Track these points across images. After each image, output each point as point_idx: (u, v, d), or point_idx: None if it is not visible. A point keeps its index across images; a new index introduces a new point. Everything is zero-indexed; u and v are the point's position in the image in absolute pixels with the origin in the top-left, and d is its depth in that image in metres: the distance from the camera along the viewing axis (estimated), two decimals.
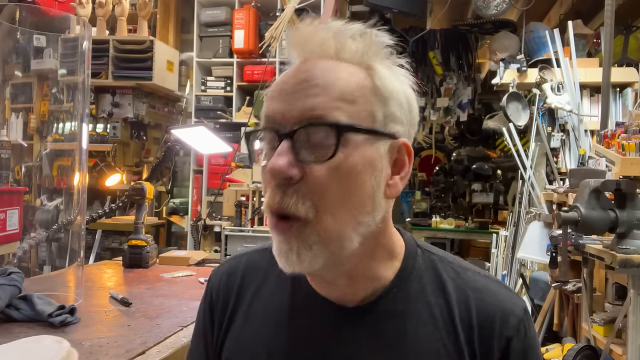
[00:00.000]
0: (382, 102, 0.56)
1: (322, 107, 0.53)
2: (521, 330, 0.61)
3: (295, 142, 0.53)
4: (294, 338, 0.62)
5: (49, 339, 0.90)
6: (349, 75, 0.56)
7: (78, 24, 1.44)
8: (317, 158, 0.53)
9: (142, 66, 3.98)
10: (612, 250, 1.88)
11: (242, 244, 3.45)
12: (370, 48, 0.58)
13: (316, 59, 0.57)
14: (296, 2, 3.50)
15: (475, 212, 6.55)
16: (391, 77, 0.58)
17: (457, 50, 5.42)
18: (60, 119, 2.00)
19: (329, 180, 0.53)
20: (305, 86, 0.54)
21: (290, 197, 0.53)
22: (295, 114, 0.54)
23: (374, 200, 0.56)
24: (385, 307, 0.60)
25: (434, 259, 0.65)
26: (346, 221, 0.54)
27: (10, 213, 1.89)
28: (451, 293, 0.62)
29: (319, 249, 0.54)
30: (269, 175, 0.54)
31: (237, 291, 0.67)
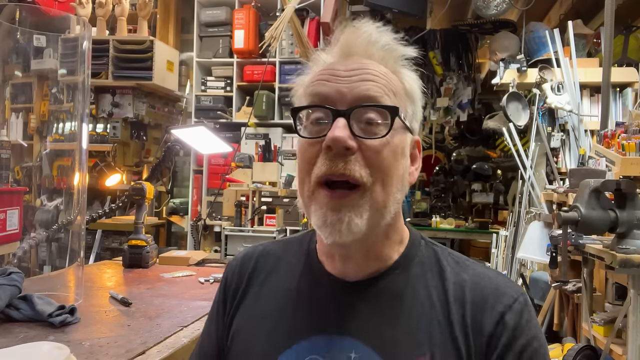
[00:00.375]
0: (411, 102, 0.67)
1: (376, 91, 0.61)
2: (516, 308, 0.63)
3: (351, 119, 0.60)
4: (299, 310, 0.67)
5: (49, 344, 0.89)
6: (390, 75, 0.65)
7: (78, 24, 1.44)
8: (370, 134, 0.60)
9: (142, 66, 3.98)
10: (612, 250, 1.88)
11: (242, 244, 3.45)
12: (399, 57, 0.67)
13: (360, 55, 0.65)
14: (296, 2, 3.50)
15: (475, 212, 6.55)
16: (413, 83, 0.67)
17: (457, 50, 5.42)
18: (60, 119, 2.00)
19: (382, 154, 0.60)
20: (360, 73, 0.62)
21: (353, 164, 0.59)
22: (351, 96, 0.61)
23: (403, 181, 0.64)
24: (386, 284, 0.65)
25: (436, 249, 0.70)
26: (390, 193, 0.62)
27: (10, 213, 1.89)
28: (448, 277, 0.66)
29: (368, 218, 0.60)
30: (333, 144, 0.59)
31: (250, 275, 0.73)
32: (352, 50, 0.65)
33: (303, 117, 0.65)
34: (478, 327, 0.62)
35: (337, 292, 0.66)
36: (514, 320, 0.62)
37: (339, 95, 0.61)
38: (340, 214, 0.59)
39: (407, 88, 0.66)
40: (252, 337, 0.68)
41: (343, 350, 0.62)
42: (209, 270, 1.88)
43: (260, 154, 3.94)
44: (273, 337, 0.66)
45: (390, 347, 0.62)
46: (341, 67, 0.63)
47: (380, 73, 0.63)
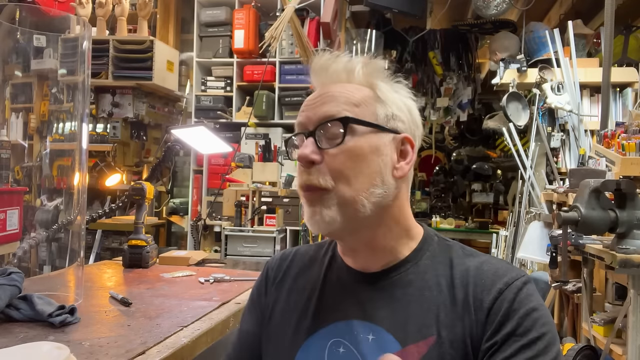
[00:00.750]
0: (382, 105, 0.74)
1: (333, 109, 0.72)
2: (515, 285, 0.69)
3: (316, 136, 0.72)
4: (324, 300, 0.78)
5: (49, 344, 0.89)
6: (356, 90, 0.75)
7: (78, 24, 1.44)
8: (332, 144, 0.71)
9: (142, 66, 3.98)
10: (612, 250, 1.88)
11: (242, 244, 3.45)
12: (373, 72, 0.76)
13: (331, 84, 0.76)
14: (296, 2, 3.50)
15: (475, 212, 6.56)
16: (390, 90, 0.76)
17: (457, 50, 5.42)
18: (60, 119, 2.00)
19: (342, 159, 0.71)
20: (322, 99, 0.74)
21: (314, 174, 0.71)
22: (315, 118, 0.73)
23: (382, 176, 0.72)
24: (399, 276, 0.75)
25: (449, 244, 0.79)
26: (359, 189, 0.70)
27: (10, 213, 1.89)
28: (455, 265, 0.74)
29: (337, 209, 0.70)
30: (299, 160, 0.72)
31: (285, 270, 0.86)
32: (324, 79, 0.77)
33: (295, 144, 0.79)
34: (479, 304, 0.69)
35: (355, 283, 0.76)
36: (512, 294, 0.68)
37: (308, 120, 0.74)
38: (314, 207, 0.71)
39: (378, 96, 0.75)
40: (283, 326, 0.79)
41: (361, 332, 0.72)
42: (209, 270, 1.88)
43: (260, 154, 3.94)
44: (301, 325, 0.77)
45: (402, 328, 0.70)
46: (313, 98, 0.76)
47: (343, 91, 0.74)
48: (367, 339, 0.71)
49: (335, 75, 0.76)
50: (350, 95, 0.73)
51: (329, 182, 0.70)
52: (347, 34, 4.58)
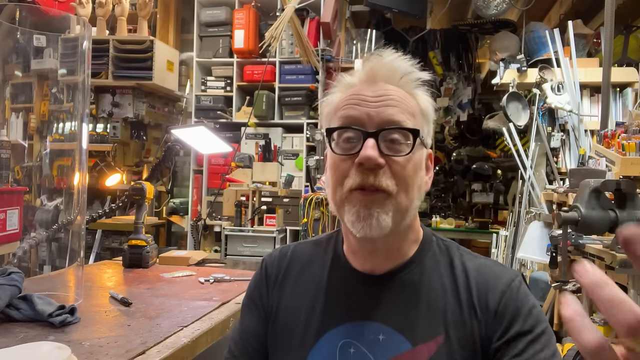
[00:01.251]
0: (426, 121, 0.77)
1: (399, 116, 0.72)
2: (513, 287, 0.74)
3: (379, 139, 0.71)
4: (330, 302, 0.79)
5: (49, 344, 0.89)
6: (409, 99, 0.75)
7: (78, 24, 1.44)
8: (397, 152, 0.71)
9: (142, 66, 3.98)
10: (612, 250, 1.88)
11: (242, 243, 3.45)
12: (415, 81, 0.77)
13: (383, 81, 0.75)
14: (296, 2, 3.50)
15: (475, 212, 6.55)
16: (427, 103, 0.78)
17: (457, 50, 5.43)
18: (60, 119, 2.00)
19: (406, 168, 0.72)
20: (385, 99, 0.73)
21: (382, 177, 0.70)
22: (379, 119, 0.72)
23: (421, 189, 0.75)
24: (405, 277, 0.77)
25: (446, 244, 0.82)
26: (411, 199, 0.73)
27: (10, 213, 1.89)
28: (455, 266, 0.78)
29: (393, 216, 0.71)
30: (365, 162, 0.69)
31: (286, 269, 0.85)
32: (377, 77, 0.75)
33: (335, 136, 0.74)
34: (484, 306, 0.73)
35: (362, 285, 0.78)
36: (514, 294, 0.74)
37: (368, 119, 0.72)
38: (371, 210, 0.70)
39: (422, 108, 0.76)
40: (290, 327, 0.80)
41: (372, 333, 0.74)
42: (209, 270, 1.88)
43: (260, 154, 3.94)
44: (310, 326, 0.78)
45: (411, 328, 0.73)
46: (368, 92, 0.74)
47: (400, 98, 0.74)
48: (378, 340, 0.73)
49: (388, 75, 0.75)
50: (408, 105, 0.74)
51: (394, 188, 0.71)
52: (347, 34, 4.58)
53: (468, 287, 0.75)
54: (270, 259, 0.89)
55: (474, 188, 6.61)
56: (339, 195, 0.73)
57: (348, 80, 0.78)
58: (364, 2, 4.15)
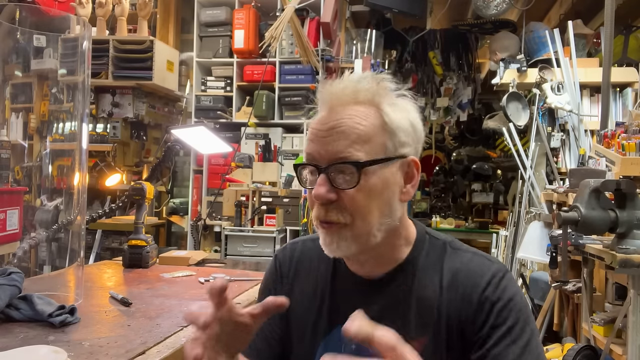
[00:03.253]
0: (390, 135, 0.77)
1: (344, 150, 0.75)
2: (493, 283, 0.77)
3: (329, 174, 0.75)
4: (333, 302, 0.85)
5: (46, 348, 0.89)
6: (364, 119, 0.76)
7: (78, 24, 1.44)
8: (347, 185, 0.75)
9: (142, 66, 3.97)
10: (612, 250, 1.88)
11: (242, 243, 3.45)
12: (378, 91, 0.78)
13: (339, 106, 0.77)
14: (296, 2, 3.50)
15: (475, 212, 6.55)
16: (396, 111, 0.78)
17: (457, 50, 5.42)
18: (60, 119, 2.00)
19: (357, 198, 0.75)
20: (334, 132, 0.76)
21: (332, 212, 0.76)
22: (327, 155, 0.76)
23: (391, 205, 0.78)
24: (399, 280, 0.81)
25: (438, 243, 0.84)
26: (372, 223, 0.76)
27: (10, 213, 1.89)
28: (445, 265, 0.81)
29: (352, 242, 0.76)
30: (316, 199, 0.76)
31: (296, 266, 0.92)
32: (332, 102, 0.78)
33: (299, 170, 0.82)
34: (467, 305, 0.77)
35: (362, 288, 0.83)
36: (492, 290, 0.76)
37: (319, 156, 0.77)
38: (331, 238, 0.77)
39: (386, 122, 0.77)
40: (300, 325, 0.86)
41: None
42: (209, 270, 1.88)
43: (260, 154, 3.94)
44: (317, 325, 0.85)
45: (403, 327, 0.76)
46: (323, 125, 0.77)
47: (353, 125, 0.75)
48: None
49: (342, 97, 0.78)
50: (360, 131, 0.75)
51: (347, 219, 0.75)
52: (347, 34, 4.58)
53: (456, 286, 0.78)
54: (282, 255, 0.94)
55: (474, 188, 6.61)
56: (315, 222, 0.80)
57: (319, 97, 0.81)
58: (364, 2, 4.15)
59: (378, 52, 4.68)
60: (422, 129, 0.82)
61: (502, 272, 0.79)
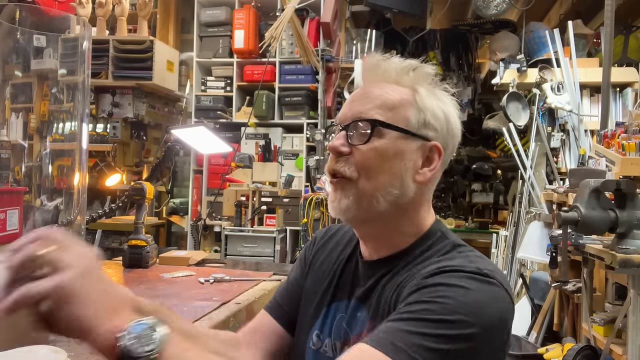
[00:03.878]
0: (417, 111, 0.79)
1: (366, 111, 0.79)
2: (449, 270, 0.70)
3: (348, 131, 0.79)
4: (340, 278, 0.89)
5: (46, 348, 0.89)
6: (395, 92, 0.80)
7: (78, 24, 1.44)
8: (360, 141, 0.78)
9: (142, 66, 3.97)
10: (612, 250, 1.88)
11: (242, 244, 3.45)
12: (419, 76, 0.82)
13: (377, 80, 0.83)
14: (296, 2, 3.50)
15: (475, 212, 6.55)
16: (430, 97, 0.81)
17: (457, 50, 5.42)
18: (60, 119, 2.00)
19: (367, 156, 0.78)
20: (360, 98, 0.82)
21: (341, 163, 0.79)
22: (350, 114, 0.81)
23: (402, 179, 0.78)
24: (392, 266, 0.81)
25: (446, 243, 0.81)
26: (377, 186, 0.77)
27: (10, 213, 1.89)
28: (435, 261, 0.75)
29: (354, 200, 0.78)
30: (329, 149, 0.81)
31: (326, 241, 0.97)
32: (370, 76, 0.84)
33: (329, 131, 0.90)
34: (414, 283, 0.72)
35: (361, 269, 0.86)
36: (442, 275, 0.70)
37: (343, 116, 0.82)
38: (335, 194, 0.80)
39: (416, 100, 0.80)
40: (313, 292, 0.91)
41: (352, 310, 0.83)
42: (209, 270, 1.88)
43: (260, 154, 3.94)
44: (324, 296, 0.89)
45: (376, 311, 0.79)
46: (355, 94, 0.84)
47: (380, 94, 0.80)
48: (355, 316, 0.83)
49: (383, 75, 0.82)
50: (387, 98, 0.79)
51: (353, 173, 0.78)
52: (347, 34, 4.58)
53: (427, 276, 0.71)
54: (320, 232, 1.02)
55: (474, 188, 6.61)
56: (327, 177, 0.84)
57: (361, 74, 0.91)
58: (364, 2, 4.15)
59: (378, 52, 4.67)
60: (459, 127, 0.84)
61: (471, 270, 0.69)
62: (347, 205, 0.78)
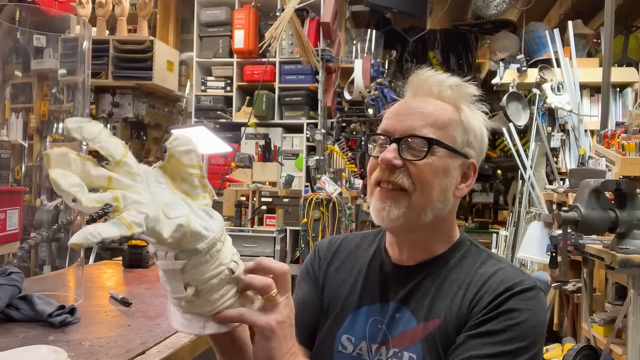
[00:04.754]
0: (462, 131, 0.84)
1: (419, 127, 0.82)
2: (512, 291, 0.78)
3: (400, 145, 0.82)
4: (367, 284, 0.91)
5: (46, 348, 0.89)
6: (443, 111, 0.83)
7: (78, 24, 1.44)
8: (414, 156, 0.81)
9: (142, 66, 3.97)
10: (612, 250, 1.88)
11: (242, 244, 3.45)
12: (461, 95, 0.85)
13: (423, 95, 0.86)
14: (296, 2, 3.50)
15: (475, 212, 6.55)
16: (472, 116, 0.86)
17: (457, 50, 5.42)
18: (60, 119, 2.00)
19: (423, 171, 0.81)
20: (411, 112, 0.84)
21: (398, 175, 0.81)
22: (401, 129, 0.83)
23: (446, 194, 0.83)
24: (430, 270, 0.86)
25: (477, 250, 0.89)
26: (427, 200, 0.81)
27: (10, 213, 1.89)
28: (477, 268, 0.84)
29: (405, 211, 0.81)
30: (382, 162, 0.81)
31: (334, 253, 0.99)
32: (418, 91, 0.87)
33: (373, 140, 0.88)
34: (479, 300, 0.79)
35: (394, 273, 0.89)
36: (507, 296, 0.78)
37: (393, 128, 0.84)
38: (385, 204, 0.82)
39: (462, 119, 0.84)
40: (334, 298, 0.92)
41: (391, 312, 0.86)
42: None
43: (260, 154, 3.94)
44: (348, 300, 0.91)
45: (420, 310, 0.84)
46: (403, 107, 0.86)
47: (431, 111, 0.83)
48: (395, 317, 0.86)
49: (428, 88, 0.85)
50: (438, 117, 0.83)
51: (410, 186, 0.81)
52: (347, 34, 4.58)
53: (479, 287, 0.81)
54: (322, 244, 1.02)
55: (474, 188, 6.61)
56: (370, 188, 0.86)
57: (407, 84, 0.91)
58: (364, 2, 4.15)
59: (378, 52, 4.68)
60: (487, 143, 0.89)
61: (528, 285, 0.79)
62: (396, 215, 0.81)
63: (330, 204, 3.18)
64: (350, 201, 3.52)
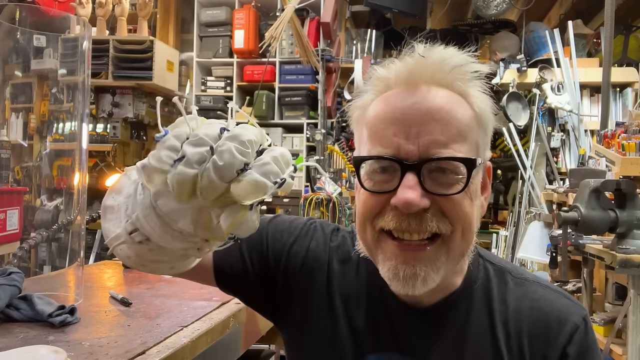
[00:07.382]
0: (484, 132, 0.62)
1: (443, 142, 0.56)
2: (576, 338, 0.64)
3: (422, 174, 0.56)
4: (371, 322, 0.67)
5: (45, 348, 0.89)
6: (458, 107, 0.59)
7: (78, 24, 1.44)
8: (449, 188, 0.56)
9: (142, 66, 3.97)
10: (612, 250, 1.88)
11: None
12: (469, 74, 0.61)
13: (422, 84, 0.59)
14: (296, 2, 3.50)
15: None
16: (485, 104, 0.62)
17: None
18: (60, 119, 2.00)
19: (462, 205, 0.57)
20: (422, 117, 0.57)
21: (430, 221, 0.57)
22: (420, 148, 0.56)
23: (478, 222, 0.61)
24: (450, 312, 0.66)
25: (496, 272, 0.69)
26: (468, 240, 0.60)
27: (10, 213, 1.89)
28: (510, 303, 0.66)
29: (444, 268, 0.59)
30: (404, 207, 0.56)
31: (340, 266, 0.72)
32: (420, 78, 0.59)
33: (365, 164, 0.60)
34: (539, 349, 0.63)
35: (406, 316, 0.67)
36: (576, 348, 0.63)
37: (406, 150, 0.56)
38: (416, 268, 0.57)
39: (477, 113, 0.60)
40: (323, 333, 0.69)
41: None
42: None
43: None
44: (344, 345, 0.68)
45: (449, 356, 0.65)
46: (406, 102, 0.58)
47: (448, 109, 0.58)
48: None
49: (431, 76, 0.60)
50: (459, 122, 0.58)
51: (448, 228, 0.57)
52: (347, 34, 4.58)
53: (519, 333, 0.64)
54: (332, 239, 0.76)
55: None
56: (370, 235, 0.61)
57: (382, 73, 0.61)
58: (364, 2, 4.15)
59: (378, 52, 4.67)
60: None
61: (584, 322, 0.65)
62: (434, 280, 0.58)
63: (331, 204, 3.18)
64: (350, 201, 3.52)
